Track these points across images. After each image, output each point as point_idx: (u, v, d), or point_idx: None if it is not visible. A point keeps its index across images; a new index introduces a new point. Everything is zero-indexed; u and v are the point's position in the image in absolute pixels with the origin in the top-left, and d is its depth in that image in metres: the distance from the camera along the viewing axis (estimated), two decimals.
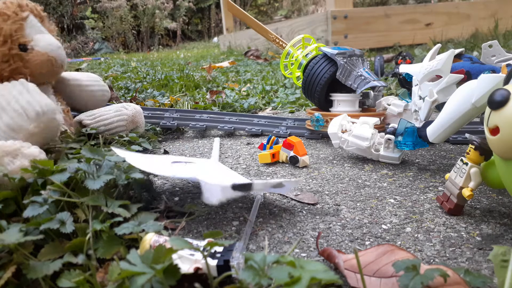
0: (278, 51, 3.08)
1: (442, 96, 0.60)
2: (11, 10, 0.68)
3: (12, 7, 0.68)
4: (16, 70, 0.68)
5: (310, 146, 0.84)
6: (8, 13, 0.67)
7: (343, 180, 0.62)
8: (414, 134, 0.65)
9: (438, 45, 0.66)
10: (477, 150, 0.45)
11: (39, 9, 0.74)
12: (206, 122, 0.96)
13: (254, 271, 0.28)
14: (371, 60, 1.83)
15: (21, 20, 0.69)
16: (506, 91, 0.36)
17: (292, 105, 1.27)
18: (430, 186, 0.58)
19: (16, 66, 0.68)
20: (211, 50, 5.01)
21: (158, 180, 0.63)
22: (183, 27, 7.80)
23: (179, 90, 1.59)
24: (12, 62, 0.68)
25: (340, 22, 2.50)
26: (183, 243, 0.31)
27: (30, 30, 0.69)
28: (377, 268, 0.35)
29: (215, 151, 0.74)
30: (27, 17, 0.70)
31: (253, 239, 0.43)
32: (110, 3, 6.43)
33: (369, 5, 4.93)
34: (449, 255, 0.39)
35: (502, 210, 0.49)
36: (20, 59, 0.68)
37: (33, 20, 0.71)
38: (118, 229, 0.38)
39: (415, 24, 2.69)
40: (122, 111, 0.78)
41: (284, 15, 6.19)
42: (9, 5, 0.68)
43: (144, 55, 4.75)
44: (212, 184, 0.42)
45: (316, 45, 0.92)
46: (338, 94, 0.87)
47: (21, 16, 0.69)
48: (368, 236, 0.44)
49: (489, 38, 2.31)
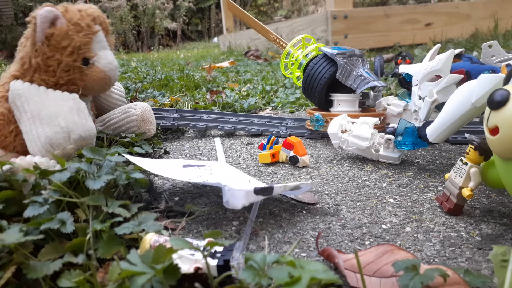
0: (278, 51, 3.08)
1: (442, 96, 0.60)
2: (85, 22, 0.67)
3: (87, 19, 0.68)
4: (72, 81, 0.68)
5: (310, 146, 0.84)
6: (82, 25, 0.66)
7: (343, 180, 0.62)
8: (414, 134, 0.65)
9: (438, 45, 0.66)
10: (477, 150, 0.45)
11: (107, 22, 0.73)
12: (206, 122, 0.96)
13: (254, 271, 0.28)
14: (371, 60, 1.83)
15: (92, 34, 0.68)
16: (506, 91, 0.36)
17: (292, 105, 1.27)
18: (430, 186, 0.58)
19: (74, 77, 0.68)
20: (211, 50, 5.01)
21: (158, 180, 0.63)
22: (183, 27, 7.80)
23: (179, 90, 1.59)
24: (71, 72, 0.67)
25: (340, 22, 2.50)
26: (183, 243, 0.31)
27: (96, 45, 0.69)
28: (377, 268, 0.35)
29: (220, 153, 0.75)
30: (98, 32, 0.69)
31: (253, 239, 0.43)
32: (110, 3, 6.43)
33: (369, 5, 4.93)
34: (449, 255, 0.39)
35: (502, 210, 0.49)
36: (79, 72, 0.68)
37: (101, 35, 0.70)
38: (119, 229, 0.38)
39: (415, 24, 2.69)
40: (130, 111, 0.78)
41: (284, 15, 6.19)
42: (84, 16, 0.67)
43: (144, 55, 4.75)
44: (236, 190, 0.43)
45: (316, 45, 0.93)
46: (338, 94, 0.87)
47: (93, 30, 0.68)
48: (368, 236, 0.44)
49: (489, 38, 2.31)
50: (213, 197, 0.55)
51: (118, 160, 0.50)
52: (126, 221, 0.42)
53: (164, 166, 0.57)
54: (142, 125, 0.78)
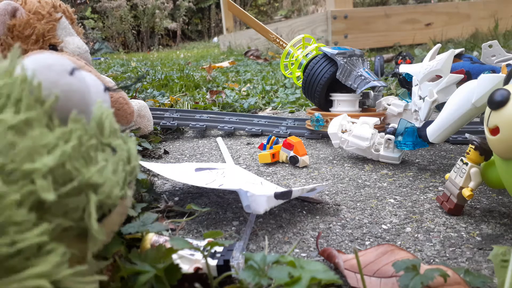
0: (278, 51, 3.08)
1: (442, 96, 0.60)
2: (46, 10, 0.68)
3: (46, 7, 0.69)
4: None
5: (310, 146, 0.84)
6: (42, 13, 0.68)
7: (343, 180, 0.62)
8: (414, 134, 0.65)
9: (438, 45, 0.66)
10: (477, 150, 0.45)
11: (70, 11, 0.74)
12: (206, 122, 0.96)
13: (254, 271, 0.28)
14: (371, 60, 1.83)
15: (54, 21, 0.69)
16: (506, 91, 0.36)
17: (292, 105, 1.27)
18: (430, 186, 0.58)
19: None
20: (211, 50, 5.01)
21: (158, 180, 0.63)
22: (183, 27, 7.80)
23: (179, 90, 1.59)
24: None
25: (340, 22, 2.50)
26: (183, 243, 0.31)
27: (61, 32, 0.70)
28: (377, 268, 0.35)
29: (226, 154, 0.75)
30: (60, 18, 0.70)
31: (253, 239, 0.43)
32: (110, 3, 6.43)
33: (369, 5, 4.93)
34: (449, 255, 0.39)
35: (502, 210, 0.49)
36: None
37: (65, 22, 0.71)
38: (124, 229, 0.38)
39: (415, 24, 2.69)
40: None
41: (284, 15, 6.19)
42: (44, 5, 0.69)
43: (144, 55, 4.75)
44: (258, 195, 0.43)
45: (316, 45, 0.93)
46: (338, 94, 0.87)
47: (54, 17, 0.69)
48: (368, 236, 0.44)
49: (489, 38, 2.31)
50: (213, 197, 0.55)
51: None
52: (128, 221, 0.42)
53: (177, 171, 0.58)
54: (139, 121, 0.79)
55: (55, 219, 0.19)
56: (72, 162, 0.19)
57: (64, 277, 0.18)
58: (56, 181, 0.19)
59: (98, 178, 0.20)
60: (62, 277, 0.18)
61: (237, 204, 0.53)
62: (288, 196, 0.46)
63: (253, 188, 0.48)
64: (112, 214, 0.23)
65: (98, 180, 0.20)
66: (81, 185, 0.19)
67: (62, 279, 0.18)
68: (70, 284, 0.18)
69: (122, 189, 0.22)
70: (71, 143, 0.19)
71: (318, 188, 0.52)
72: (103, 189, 0.20)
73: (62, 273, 0.18)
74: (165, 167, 0.59)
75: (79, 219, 0.20)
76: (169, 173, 0.55)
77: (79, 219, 0.20)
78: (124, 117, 0.71)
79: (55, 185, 0.19)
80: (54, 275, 0.18)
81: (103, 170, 0.21)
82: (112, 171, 0.21)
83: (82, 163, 0.20)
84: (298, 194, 0.47)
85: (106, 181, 0.21)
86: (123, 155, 0.23)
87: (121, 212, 0.24)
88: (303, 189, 0.48)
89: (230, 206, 0.52)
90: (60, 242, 0.19)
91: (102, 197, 0.20)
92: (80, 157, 0.20)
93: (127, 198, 0.24)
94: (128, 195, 0.24)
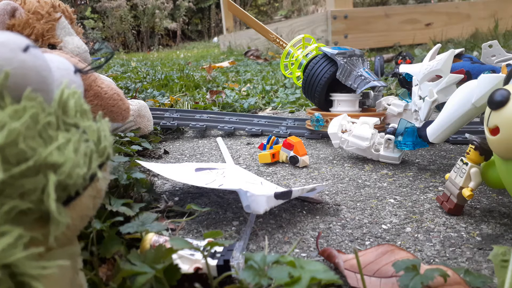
0: (278, 51, 3.08)
1: (442, 96, 0.60)
2: (45, 10, 0.68)
3: (46, 7, 0.69)
4: None
5: (310, 146, 0.84)
6: (42, 13, 0.68)
7: (343, 180, 0.62)
8: (414, 134, 0.65)
9: (438, 45, 0.66)
10: (477, 150, 0.45)
11: (70, 11, 0.74)
12: (206, 122, 0.96)
13: (254, 271, 0.28)
14: (371, 60, 1.83)
15: (54, 20, 0.69)
16: (506, 91, 0.36)
17: (292, 105, 1.27)
18: (430, 186, 0.58)
19: None
20: (211, 50, 5.01)
21: (158, 180, 0.63)
22: (183, 27, 7.80)
23: (179, 90, 1.59)
24: None
25: (340, 22, 2.50)
26: (183, 243, 0.31)
27: (60, 32, 0.70)
28: (377, 268, 0.35)
29: (226, 154, 0.75)
30: (59, 18, 0.70)
31: (253, 239, 0.43)
32: (110, 3, 6.43)
33: (369, 5, 4.93)
34: (449, 255, 0.39)
35: (502, 210, 0.49)
36: None
37: (64, 22, 0.71)
38: (123, 228, 0.38)
39: (415, 24, 2.69)
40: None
41: (284, 15, 6.19)
42: (43, 5, 0.69)
43: (144, 55, 4.75)
44: (258, 195, 0.43)
45: (316, 45, 0.92)
46: (338, 94, 0.87)
47: (53, 17, 0.69)
48: (368, 236, 0.44)
49: (489, 38, 2.31)
50: (213, 197, 0.55)
51: (121, 161, 0.50)
52: (127, 221, 0.42)
53: (177, 171, 0.58)
54: (139, 120, 0.79)
55: (9, 200, 0.18)
56: (27, 141, 0.19)
57: (17, 260, 0.17)
58: (7, 161, 0.18)
59: (58, 157, 0.19)
60: (15, 259, 0.17)
61: (237, 204, 0.53)
62: (288, 196, 0.46)
63: (253, 188, 0.48)
64: (82, 197, 0.22)
65: (58, 159, 0.19)
66: (38, 165, 0.19)
67: (15, 262, 0.17)
68: (25, 268, 0.18)
69: (88, 170, 0.21)
70: (22, 120, 0.18)
71: (318, 188, 0.52)
72: (63, 169, 0.20)
73: (15, 256, 0.17)
74: (165, 167, 0.59)
75: (38, 201, 0.19)
76: (169, 173, 0.55)
77: (39, 201, 0.19)
78: (119, 114, 0.71)
79: (7, 165, 0.18)
80: (6, 258, 0.17)
81: (63, 149, 0.20)
82: (73, 150, 0.20)
83: (40, 142, 0.19)
84: (298, 194, 0.48)
85: (66, 161, 0.20)
86: (92, 135, 0.23)
87: (93, 195, 0.23)
88: (303, 189, 0.48)
89: (230, 206, 0.52)
90: (17, 225, 0.18)
91: (62, 177, 0.19)
92: (36, 136, 0.19)
93: (100, 181, 0.23)
94: (100, 176, 0.23)
